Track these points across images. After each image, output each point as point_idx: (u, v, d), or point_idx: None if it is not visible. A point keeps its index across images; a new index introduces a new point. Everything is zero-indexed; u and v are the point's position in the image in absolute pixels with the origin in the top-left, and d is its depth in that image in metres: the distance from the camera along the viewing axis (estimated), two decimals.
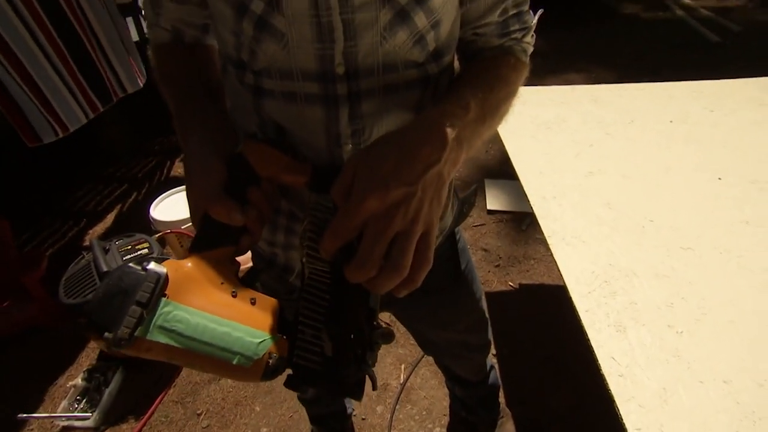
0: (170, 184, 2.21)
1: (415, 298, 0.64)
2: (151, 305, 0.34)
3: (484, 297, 0.90)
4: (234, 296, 0.40)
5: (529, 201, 0.92)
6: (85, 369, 1.51)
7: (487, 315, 0.93)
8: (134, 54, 2.05)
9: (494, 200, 2.22)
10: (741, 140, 1.12)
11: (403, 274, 0.37)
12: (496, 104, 0.50)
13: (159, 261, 0.37)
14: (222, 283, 0.40)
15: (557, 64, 4.14)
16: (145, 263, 0.36)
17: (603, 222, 0.83)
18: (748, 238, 0.78)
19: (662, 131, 1.19)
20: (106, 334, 0.33)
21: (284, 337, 0.40)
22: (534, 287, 1.79)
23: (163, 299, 0.36)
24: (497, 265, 1.88)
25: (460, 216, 0.73)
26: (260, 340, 0.38)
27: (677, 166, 1.02)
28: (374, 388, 0.43)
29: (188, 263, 0.39)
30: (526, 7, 0.54)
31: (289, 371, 0.41)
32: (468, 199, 0.73)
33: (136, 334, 0.34)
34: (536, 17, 0.56)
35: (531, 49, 0.58)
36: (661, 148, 1.10)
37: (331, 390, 0.41)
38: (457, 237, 0.76)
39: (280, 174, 0.45)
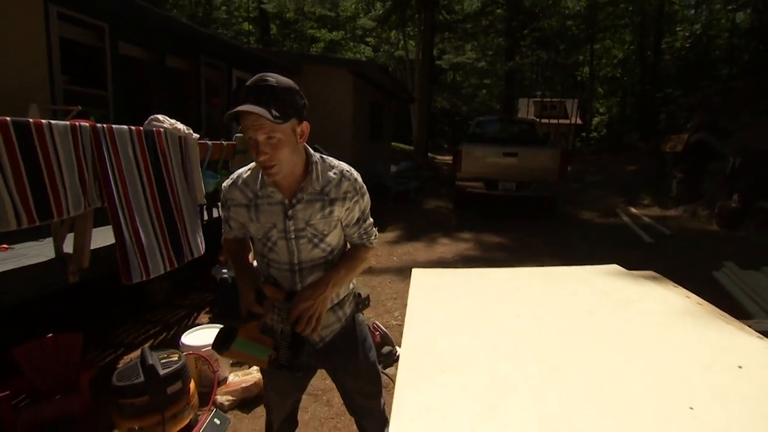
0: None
1: (340, 360, 1.45)
2: (234, 336, 1.09)
3: (377, 361, 1.52)
4: (258, 338, 1.13)
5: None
6: None
7: (379, 372, 1.53)
8: (200, 231, 2.85)
9: None
10: (551, 298, 1.81)
11: (311, 327, 1.18)
12: (354, 267, 1.30)
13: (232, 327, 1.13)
14: (254, 332, 1.13)
15: (522, 257, 5.05)
16: (231, 326, 1.11)
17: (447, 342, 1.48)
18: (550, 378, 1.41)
19: (511, 296, 1.88)
20: (220, 347, 1.07)
21: (275, 351, 1.12)
22: None
23: (237, 335, 1.09)
24: None
25: (357, 308, 1.45)
26: (268, 349, 1.15)
27: (504, 312, 1.68)
28: (305, 362, 1.16)
29: (245, 325, 1.13)
30: (371, 229, 1.36)
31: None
32: (363, 301, 1.47)
33: (230, 347, 1.07)
34: (376, 231, 1.38)
35: (375, 241, 1.38)
36: (507, 304, 1.77)
37: (291, 369, 1.13)
38: (357, 323, 1.45)
39: (274, 295, 1.22)
